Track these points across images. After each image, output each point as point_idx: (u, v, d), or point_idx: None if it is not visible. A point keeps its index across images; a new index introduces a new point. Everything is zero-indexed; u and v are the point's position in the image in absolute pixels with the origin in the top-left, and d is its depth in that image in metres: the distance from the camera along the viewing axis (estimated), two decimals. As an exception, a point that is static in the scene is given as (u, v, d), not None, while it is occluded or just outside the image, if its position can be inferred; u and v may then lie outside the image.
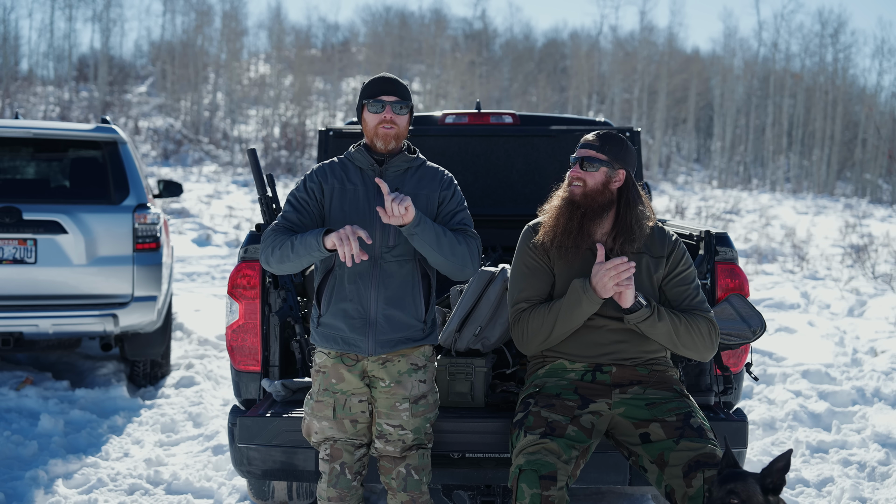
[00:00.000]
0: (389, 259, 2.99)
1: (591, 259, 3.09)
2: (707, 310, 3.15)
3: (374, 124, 3.02)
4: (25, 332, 5.78)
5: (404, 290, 3.01)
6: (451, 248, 2.92)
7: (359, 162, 3.07)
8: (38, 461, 4.74)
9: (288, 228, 3.00)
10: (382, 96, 3.02)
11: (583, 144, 3.17)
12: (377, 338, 2.98)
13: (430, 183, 3.08)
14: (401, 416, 3.03)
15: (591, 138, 3.16)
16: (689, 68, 48.37)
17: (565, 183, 3.21)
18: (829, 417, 5.65)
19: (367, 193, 3.02)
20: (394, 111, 3.02)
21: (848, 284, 12.03)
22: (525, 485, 2.77)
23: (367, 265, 2.98)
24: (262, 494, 3.93)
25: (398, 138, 3.04)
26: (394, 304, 2.99)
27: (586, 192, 3.10)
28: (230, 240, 15.73)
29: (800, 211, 27.38)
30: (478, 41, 52.57)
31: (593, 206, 3.09)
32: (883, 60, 62.86)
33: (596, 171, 3.10)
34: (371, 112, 3.03)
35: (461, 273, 3.00)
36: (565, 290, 3.11)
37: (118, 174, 6.08)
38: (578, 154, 3.15)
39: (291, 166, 32.75)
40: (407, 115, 3.07)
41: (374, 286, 2.98)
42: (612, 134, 3.15)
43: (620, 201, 3.13)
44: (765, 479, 2.60)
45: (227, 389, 6.32)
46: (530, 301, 3.16)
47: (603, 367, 3.12)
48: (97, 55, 42.85)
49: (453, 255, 2.93)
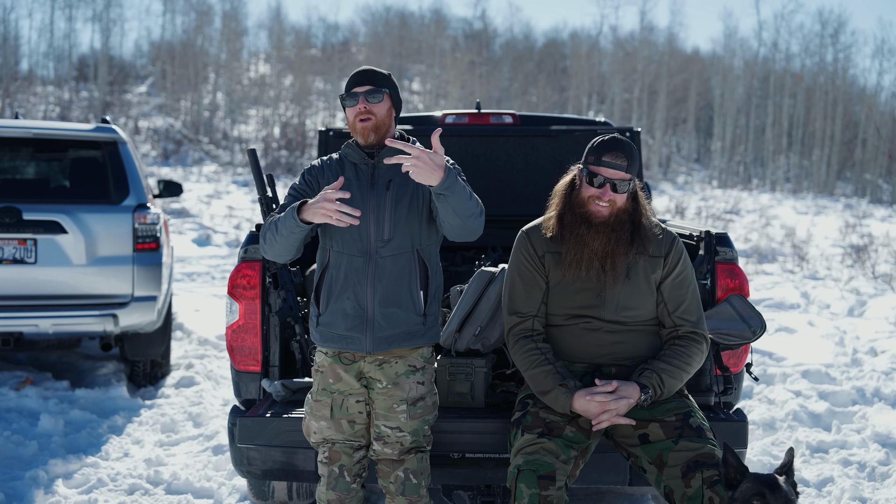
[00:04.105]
0: (385, 254, 2.95)
1: (586, 269, 3.04)
2: (697, 322, 3.11)
3: (353, 118, 2.99)
4: (25, 332, 5.78)
5: (401, 285, 2.97)
6: (472, 213, 2.84)
7: (352, 158, 3.05)
8: (38, 461, 4.74)
9: None
10: (355, 88, 2.97)
11: (608, 164, 3.00)
12: (375, 335, 2.97)
13: None
14: (398, 418, 3.01)
15: (616, 154, 3.00)
16: (689, 68, 48.35)
17: (581, 198, 3.06)
18: (829, 417, 5.65)
19: (360, 187, 3.00)
20: (368, 100, 2.95)
21: (848, 284, 12.02)
22: (523, 484, 2.77)
23: (363, 262, 2.96)
24: (262, 494, 3.93)
25: (377, 129, 2.98)
26: (391, 300, 2.96)
27: (615, 212, 3.04)
28: (230, 240, 15.73)
29: (800, 211, 27.37)
30: (478, 41, 52.55)
31: (620, 223, 3.04)
32: (883, 60, 62.89)
33: (625, 192, 3.04)
34: (348, 107, 2.99)
35: (467, 237, 2.92)
36: (559, 300, 3.09)
37: (118, 174, 6.08)
38: (605, 174, 3.00)
39: (291, 166, 32.74)
40: (385, 102, 2.98)
41: (370, 283, 2.96)
42: (629, 144, 3.03)
43: (634, 209, 3.09)
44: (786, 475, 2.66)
45: (227, 389, 6.32)
46: (523, 316, 3.12)
47: (602, 367, 3.11)
48: (97, 55, 42.84)
49: (471, 218, 2.85)
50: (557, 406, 2.97)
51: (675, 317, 3.10)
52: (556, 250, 3.10)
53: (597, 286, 3.07)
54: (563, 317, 3.12)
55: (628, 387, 2.93)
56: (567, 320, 3.12)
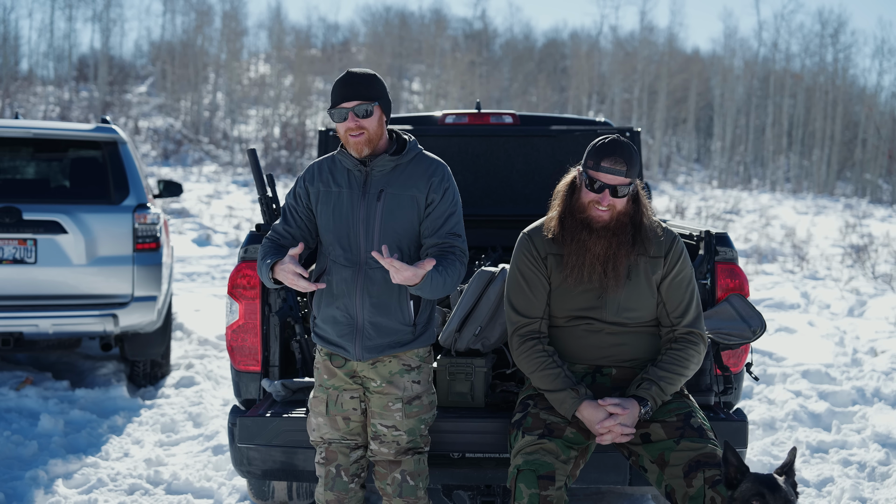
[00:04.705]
0: (374, 265, 2.91)
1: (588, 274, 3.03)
2: (695, 322, 3.10)
3: (343, 133, 2.91)
4: (25, 332, 5.78)
5: (390, 296, 2.95)
6: (444, 291, 2.88)
7: (345, 163, 3.00)
8: (38, 461, 4.74)
9: (274, 240, 3.01)
10: (343, 104, 2.86)
11: (607, 169, 2.96)
12: (364, 343, 2.96)
13: (419, 182, 2.94)
14: (394, 417, 3.00)
15: (619, 163, 2.95)
16: (689, 68, 48.35)
17: (581, 203, 3.04)
18: (829, 417, 5.65)
19: (350, 196, 2.96)
20: (357, 116, 2.85)
21: (848, 284, 12.02)
22: (523, 485, 2.77)
23: (353, 272, 2.94)
24: (262, 494, 3.93)
25: (370, 143, 2.90)
26: (379, 310, 2.94)
27: (616, 216, 3.02)
28: (230, 240, 15.73)
29: (800, 211, 27.37)
30: (478, 41, 52.54)
31: (621, 226, 3.03)
32: (883, 60, 62.89)
33: (625, 197, 3.02)
34: (336, 122, 2.91)
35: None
36: (560, 302, 3.09)
37: (118, 174, 6.08)
38: (605, 181, 2.97)
39: (291, 166, 32.74)
40: (375, 114, 2.88)
41: (359, 293, 2.94)
42: (628, 146, 2.99)
43: (636, 210, 3.07)
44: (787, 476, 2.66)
45: (227, 389, 6.31)
46: (530, 318, 3.10)
47: (603, 369, 3.11)
48: (97, 55, 42.85)
49: (443, 293, 2.90)
50: (562, 408, 2.96)
51: (674, 316, 3.09)
52: (558, 252, 3.09)
53: (598, 288, 3.07)
54: (564, 318, 3.12)
55: (627, 402, 2.92)
56: (568, 322, 3.11)
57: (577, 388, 2.97)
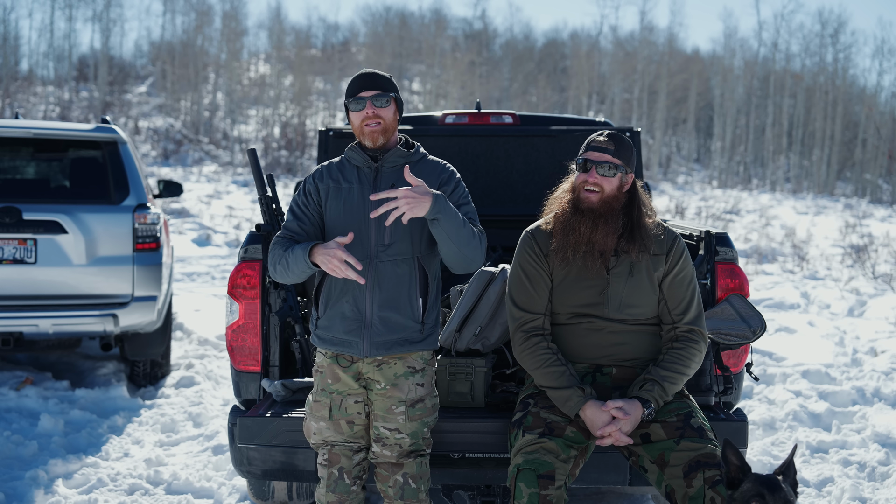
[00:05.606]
0: (385, 259, 2.95)
1: (589, 265, 3.05)
2: (696, 320, 3.11)
3: (359, 123, 2.98)
4: (25, 332, 5.78)
5: (400, 291, 2.97)
6: (468, 240, 2.87)
7: (355, 160, 3.04)
8: (38, 461, 4.74)
9: (289, 238, 3.00)
10: (362, 93, 2.97)
11: (595, 147, 3.05)
12: (372, 339, 2.96)
13: (428, 178, 3.00)
14: (397, 420, 3.00)
15: (604, 141, 3.04)
16: (689, 68, 48.36)
17: (567, 187, 3.13)
18: (829, 417, 5.65)
19: (361, 192, 2.99)
20: (375, 105, 2.96)
21: (848, 284, 12.02)
22: (523, 484, 2.78)
23: (363, 266, 2.95)
24: (262, 494, 3.93)
25: (386, 133, 2.99)
26: (390, 305, 2.96)
27: (604, 199, 3.03)
28: (230, 240, 15.73)
29: (800, 211, 27.38)
30: (478, 41, 52.56)
31: (610, 212, 3.04)
32: (883, 60, 62.93)
33: (612, 177, 3.03)
34: (354, 111, 2.99)
35: (468, 267, 2.96)
36: (562, 298, 3.09)
37: (118, 174, 6.08)
38: (591, 157, 3.03)
39: (291, 166, 32.75)
40: (391, 106, 3.00)
41: (369, 287, 2.95)
42: (621, 136, 3.07)
43: (631, 205, 3.09)
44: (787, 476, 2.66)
45: (227, 389, 6.32)
46: (533, 314, 3.11)
47: (603, 368, 3.11)
48: (97, 55, 42.86)
49: (468, 246, 2.88)
50: (566, 406, 2.96)
51: (675, 314, 3.10)
52: (574, 252, 3.09)
53: (599, 283, 3.07)
54: (566, 315, 3.12)
55: (630, 404, 2.92)
56: (570, 319, 3.12)
57: (584, 386, 2.97)
